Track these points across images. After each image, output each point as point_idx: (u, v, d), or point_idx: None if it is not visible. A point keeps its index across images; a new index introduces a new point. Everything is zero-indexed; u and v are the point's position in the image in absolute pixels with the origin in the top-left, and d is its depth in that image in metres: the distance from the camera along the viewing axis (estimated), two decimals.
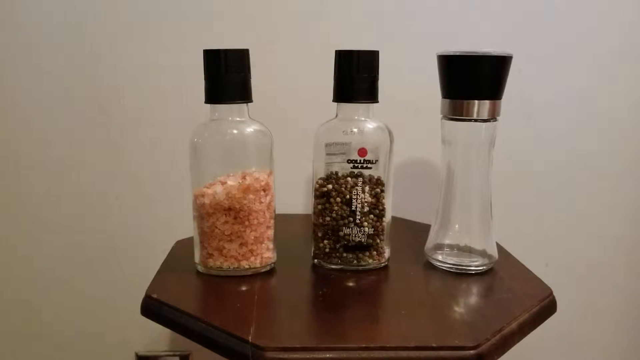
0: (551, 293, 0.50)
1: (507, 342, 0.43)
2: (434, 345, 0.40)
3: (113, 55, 0.73)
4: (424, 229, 0.60)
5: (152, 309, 0.48)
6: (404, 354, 0.40)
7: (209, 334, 0.43)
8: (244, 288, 0.51)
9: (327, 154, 0.54)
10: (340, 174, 0.54)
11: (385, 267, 0.56)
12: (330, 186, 0.54)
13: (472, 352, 0.40)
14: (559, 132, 0.76)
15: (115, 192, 0.77)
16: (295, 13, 0.72)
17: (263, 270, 0.54)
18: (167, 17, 0.72)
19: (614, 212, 0.80)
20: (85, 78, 0.73)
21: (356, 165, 0.53)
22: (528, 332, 0.46)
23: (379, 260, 0.55)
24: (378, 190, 0.54)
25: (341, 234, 0.54)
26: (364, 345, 0.40)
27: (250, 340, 0.40)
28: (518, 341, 0.44)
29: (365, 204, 0.53)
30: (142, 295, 0.49)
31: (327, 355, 0.40)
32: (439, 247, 0.57)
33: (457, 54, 0.52)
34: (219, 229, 0.52)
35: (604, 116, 0.76)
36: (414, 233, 0.66)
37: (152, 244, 0.76)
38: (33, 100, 0.74)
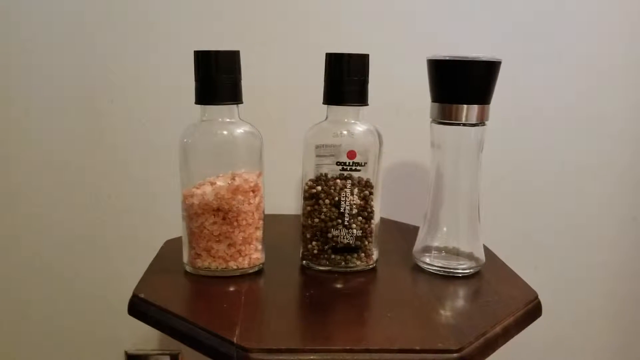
0: (536, 297, 0.50)
1: (491, 345, 0.43)
2: (417, 348, 0.41)
3: (105, 55, 0.73)
4: (414, 231, 0.60)
5: (139, 308, 0.48)
6: (388, 356, 0.40)
7: (194, 334, 0.43)
8: (231, 289, 0.51)
9: (317, 156, 0.54)
10: (329, 176, 0.54)
11: (374, 269, 0.56)
12: (319, 188, 0.54)
13: (455, 355, 0.40)
14: (549, 136, 0.77)
15: (107, 191, 0.77)
16: (287, 16, 0.72)
17: (251, 271, 0.54)
18: (159, 18, 0.72)
19: (605, 215, 0.80)
20: (78, 78, 0.73)
21: (345, 167, 0.53)
22: (513, 336, 0.46)
23: (367, 262, 0.55)
24: (367, 192, 0.54)
25: (330, 235, 0.54)
26: (348, 348, 0.40)
27: (235, 342, 0.41)
28: (502, 344, 0.45)
29: (354, 206, 0.54)
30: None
31: (311, 357, 0.40)
32: (427, 249, 0.57)
33: (447, 58, 0.52)
34: (208, 230, 0.52)
35: (594, 120, 0.77)
36: (403, 235, 0.67)
37: (144, 243, 0.76)
38: (26, 100, 0.74)
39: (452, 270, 0.55)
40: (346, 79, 0.52)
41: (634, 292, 0.83)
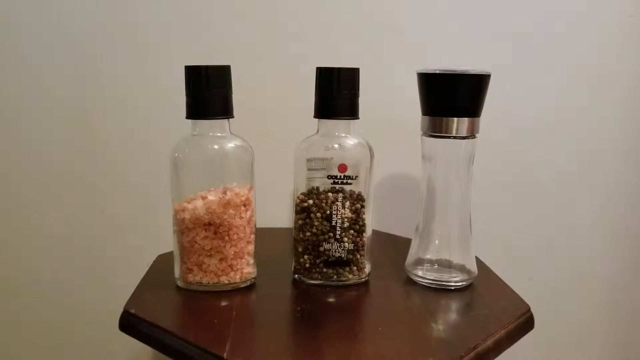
0: (529, 309, 0.50)
1: (483, 359, 0.43)
2: None
3: (97, 69, 0.73)
4: (406, 243, 0.60)
5: (130, 324, 0.47)
6: None
7: (185, 350, 0.43)
8: (223, 303, 0.51)
9: (308, 170, 0.54)
10: (321, 190, 0.54)
11: (366, 283, 0.56)
12: (310, 201, 0.54)
13: None
14: (541, 147, 0.77)
15: (99, 204, 0.77)
16: (277, 30, 0.73)
17: (243, 285, 0.54)
18: (151, 32, 0.72)
19: (598, 225, 0.80)
20: (70, 91, 0.73)
21: (336, 181, 0.53)
22: (504, 349, 0.46)
23: (359, 275, 0.55)
24: (358, 205, 0.54)
25: (321, 249, 0.54)
26: None
27: (225, 357, 0.40)
28: (494, 358, 0.45)
29: (346, 220, 0.54)
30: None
31: None
32: (419, 262, 0.57)
33: (437, 72, 0.52)
34: (199, 244, 0.52)
35: (586, 133, 0.77)
36: (396, 247, 0.67)
37: (136, 257, 0.75)
38: (18, 113, 0.74)
39: (444, 283, 0.55)
40: (337, 93, 0.52)
41: (629, 302, 0.83)
